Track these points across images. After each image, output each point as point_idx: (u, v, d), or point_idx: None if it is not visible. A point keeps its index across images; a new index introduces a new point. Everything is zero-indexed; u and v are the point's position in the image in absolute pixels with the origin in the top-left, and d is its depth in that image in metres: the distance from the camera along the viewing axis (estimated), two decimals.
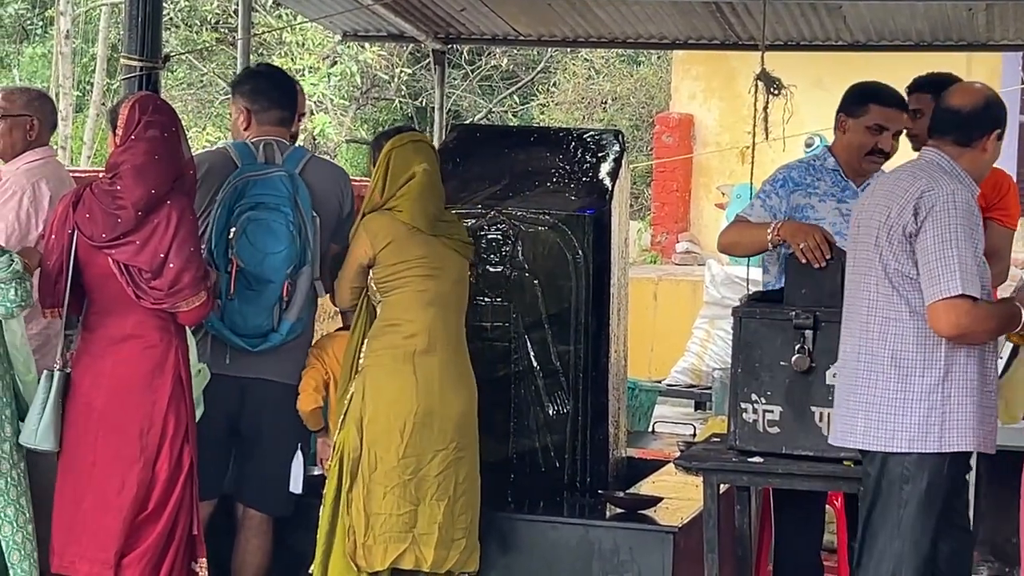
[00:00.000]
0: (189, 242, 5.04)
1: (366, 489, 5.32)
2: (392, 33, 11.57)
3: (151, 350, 5.08)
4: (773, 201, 5.63)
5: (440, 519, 5.34)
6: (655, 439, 7.77)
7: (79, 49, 22.42)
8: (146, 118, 5.14)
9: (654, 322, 13.51)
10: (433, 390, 5.34)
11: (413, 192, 5.51)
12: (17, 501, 5.01)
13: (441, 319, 5.43)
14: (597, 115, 23.21)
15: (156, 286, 4.99)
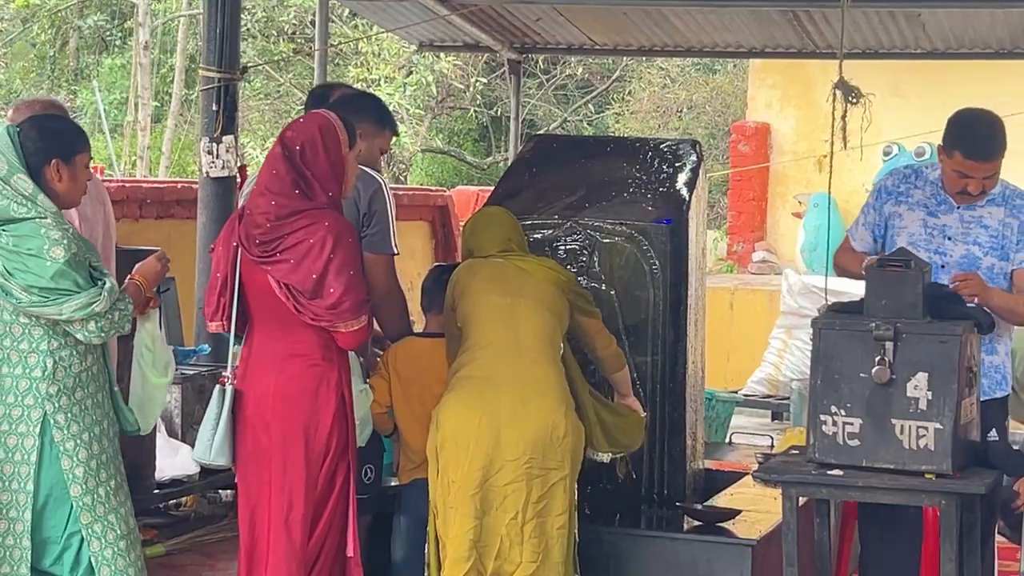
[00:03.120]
0: (349, 265, 4.95)
1: (442, 518, 5.27)
2: (468, 43, 11.63)
3: (315, 368, 5.01)
4: (871, 217, 5.65)
5: (503, 532, 5.23)
6: (732, 450, 7.72)
7: (157, 60, 22.66)
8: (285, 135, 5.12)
9: (730, 332, 13.43)
10: (500, 413, 5.25)
11: (477, 226, 5.65)
12: (105, 518, 4.93)
13: (513, 340, 5.37)
14: (672, 124, 23.17)
15: (316, 305, 4.95)
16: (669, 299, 6.02)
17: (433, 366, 5.59)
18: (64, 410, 4.87)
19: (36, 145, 4.91)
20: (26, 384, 4.85)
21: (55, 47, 25.21)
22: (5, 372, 4.86)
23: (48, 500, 4.87)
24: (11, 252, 4.80)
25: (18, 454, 4.86)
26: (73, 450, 4.87)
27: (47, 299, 4.77)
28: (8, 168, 4.85)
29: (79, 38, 25.44)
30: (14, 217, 4.81)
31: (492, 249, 5.59)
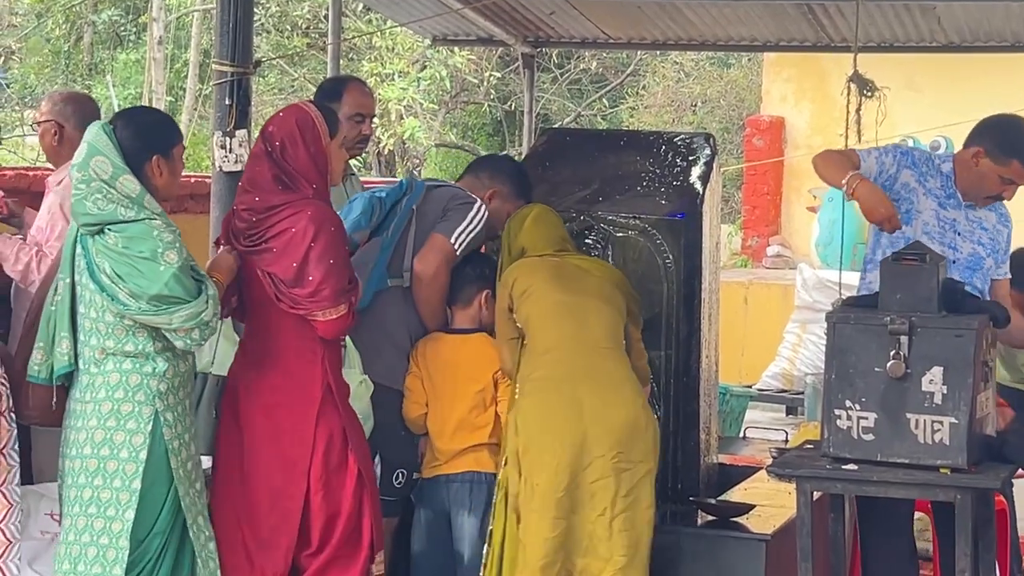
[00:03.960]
0: (330, 254, 4.95)
1: (524, 521, 5.23)
2: (481, 37, 11.60)
3: (299, 359, 5.01)
4: (887, 161, 5.55)
5: (591, 528, 5.20)
6: (746, 445, 7.71)
7: (171, 55, 22.64)
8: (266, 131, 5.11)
9: (745, 326, 13.41)
10: (583, 412, 5.23)
11: (528, 225, 5.63)
12: (196, 520, 4.90)
13: (582, 337, 5.37)
14: (687, 118, 23.12)
15: (295, 293, 4.94)
16: (683, 293, 6.01)
17: (461, 362, 5.59)
18: (172, 408, 4.81)
19: (134, 142, 4.81)
20: (137, 380, 4.77)
21: (69, 42, 25.19)
22: (111, 369, 4.77)
23: (145, 497, 4.78)
24: (120, 254, 4.70)
25: (125, 451, 4.74)
26: (178, 449, 4.83)
27: (158, 308, 4.68)
28: (113, 170, 4.74)
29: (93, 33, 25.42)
30: (121, 219, 4.72)
31: (548, 248, 5.59)
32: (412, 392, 5.60)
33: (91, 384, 4.80)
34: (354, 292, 5.06)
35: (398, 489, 5.60)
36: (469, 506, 5.51)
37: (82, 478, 4.78)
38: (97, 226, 4.74)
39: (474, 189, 5.85)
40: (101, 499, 4.75)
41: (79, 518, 4.77)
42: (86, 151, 4.80)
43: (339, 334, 5.08)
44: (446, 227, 5.60)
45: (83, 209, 4.75)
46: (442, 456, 5.54)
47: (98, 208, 4.73)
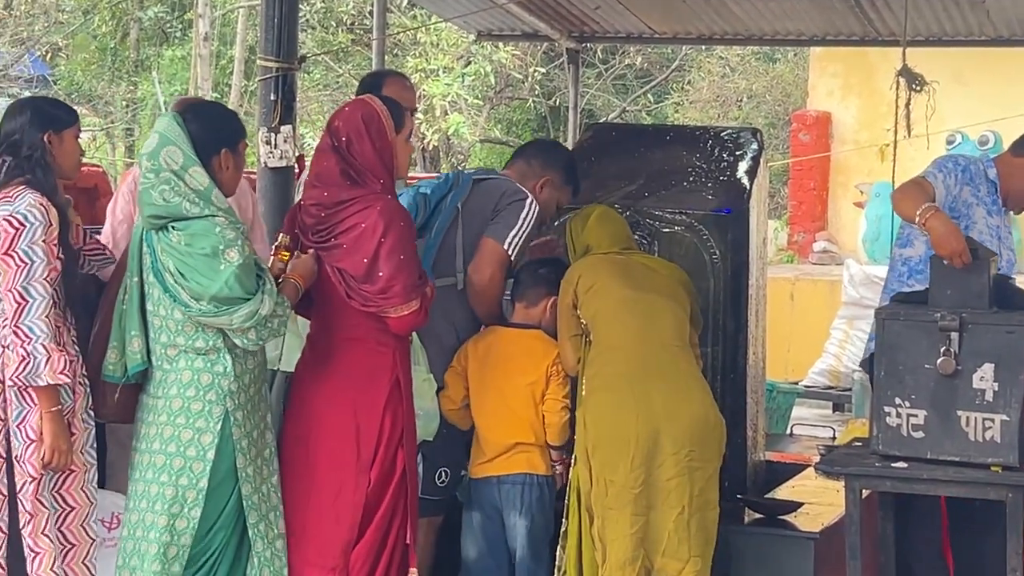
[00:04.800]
0: (399, 250, 4.92)
1: (601, 519, 5.20)
2: (526, 32, 11.59)
3: (369, 353, 4.98)
4: (950, 182, 5.47)
5: (671, 527, 5.17)
6: (793, 442, 7.67)
7: (217, 51, 22.72)
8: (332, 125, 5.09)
9: (791, 323, 13.34)
10: (655, 409, 5.21)
11: (591, 224, 5.62)
12: (267, 516, 4.89)
13: (651, 334, 5.34)
14: (732, 113, 23.05)
15: (366, 290, 4.92)
16: (730, 289, 5.98)
17: (516, 356, 5.56)
18: (242, 407, 4.79)
19: (205, 134, 4.78)
20: (208, 379, 4.75)
21: (116, 39, 25.31)
22: (183, 366, 4.76)
23: (210, 496, 4.77)
24: (183, 253, 4.68)
25: (192, 449, 4.74)
26: (247, 447, 4.81)
27: (219, 308, 4.65)
28: (183, 160, 4.71)
29: (140, 30, 25.53)
30: (185, 215, 4.69)
31: (614, 246, 5.57)
32: (448, 387, 5.58)
33: (163, 381, 4.81)
34: (425, 287, 5.03)
35: (441, 488, 5.57)
36: (520, 508, 5.48)
37: (149, 473, 4.79)
38: (162, 220, 4.73)
39: (525, 176, 5.81)
40: (166, 496, 4.75)
41: (146, 514, 4.78)
42: (157, 141, 4.77)
43: (410, 330, 5.06)
44: (498, 231, 5.54)
45: (149, 199, 4.73)
46: (490, 451, 5.52)
47: (164, 199, 4.70)
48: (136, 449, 4.86)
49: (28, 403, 4.72)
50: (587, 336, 5.42)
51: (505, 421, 5.50)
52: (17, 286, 4.65)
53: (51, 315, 4.68)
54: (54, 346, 4.65)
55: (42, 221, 4.68)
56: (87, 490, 4.85)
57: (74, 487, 4.81)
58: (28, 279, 4.66)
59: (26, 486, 4.70)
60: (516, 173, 5.84)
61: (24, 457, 4.71)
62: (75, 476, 4.81)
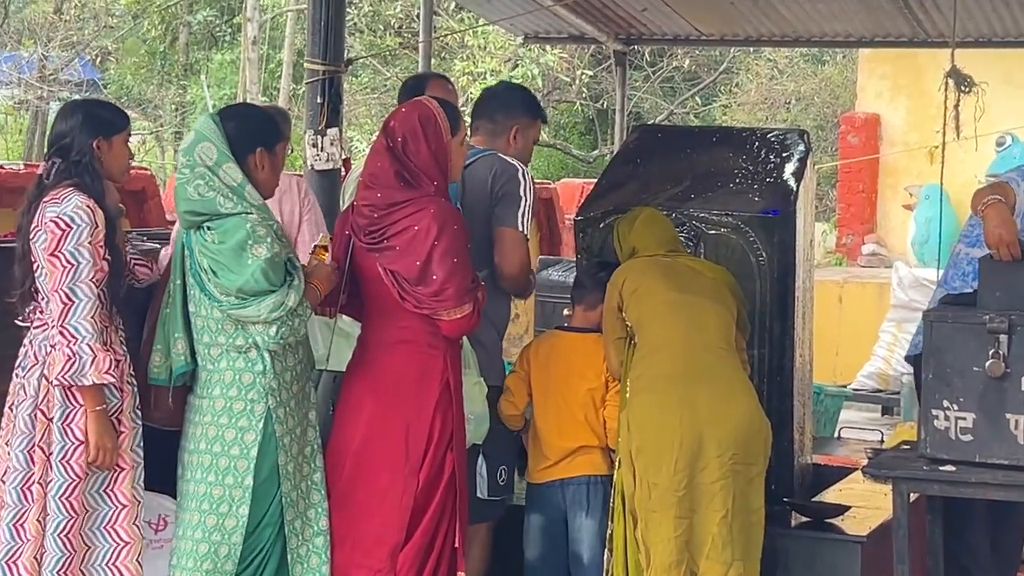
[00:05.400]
0: (453, 252, 4.91)
1: (644, 522, 5.19)
2: (573, 35, 11.59)
3: (420, 355, 4.98)
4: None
5: (715, 531, 5.14)
6: (841, 445, 7.63)
7: (266, 55, 22.83)
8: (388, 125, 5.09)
9: (839, 326, 13.26)
10: (698, 411, 5.18)
11: (637, 226, 5.61)
12: (304, 514, 4.92)
13: (696, 336, 5.32)
14: (780, 115, 22.98)
15: (420, 292, 4.92)
16: (776, 292, 5.94)
17: (577, 360, 5.55)
18: (284, 404, 4.83)
19: (240, 132, 4.84)
20: (250, 378, 4.79)
21: (165, 43, 25.49)
22: (225, 366, 4.81)
23: (256, 493, 4.80)
24: (215, 250, 4.74)
25: (236, 448, 4.79)
26: (289, 445, 4.85)
27: (245, 301, 4.71)
28: (218, 155, 4.78)
29: (189, 34, 25.70)
30: (220, 212, 4.75)
31: (659, 248, 5.56)
32: (511, 391, 5.57)
33: (208, 381, 4.85)
34: (478, 291, 5.03)
35: (501, 487, 5.54)
36: (587, 508, 5.47)
37: (198, 473, 4.84)
38: (198, 216, 4.78)
39: (495, 135, 5.71)
40: (213, 495, 4.80)
41: (194, 513, 4.83)
42: (193, 137, 4.84)
43: (463, 333, 5.05)
44: (508, 217, 5.46)
45: (184, 194, 4.79)
46: (552, 455, 5.50)
47: (199, 194, 4.77)
48: (184, 449, 4.90)
49: (73, 402, 4.74)
50: (632, 339, 5.41)
51: (567, 425, 5.49)
52: (63, 287, 4.68)
53: (97, 316, 4.70)
54: (99, 346, 4.68)
55: (88, 223, 4.71)
56: (136, 488, 4.87)
57: (125, 485, 4.84)
58: (74, 280, 4.68)
59: (69, 487, 4.73)
60: (485, 135, 5.73)
61: (71, 458, 4.74)
62: (125, 474, 4.84)
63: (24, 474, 4.74)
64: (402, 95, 6.16)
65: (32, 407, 4.75)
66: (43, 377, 4.73)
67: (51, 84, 21.01)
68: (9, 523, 4.75)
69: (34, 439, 4.74)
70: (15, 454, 4.76)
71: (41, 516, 4.72)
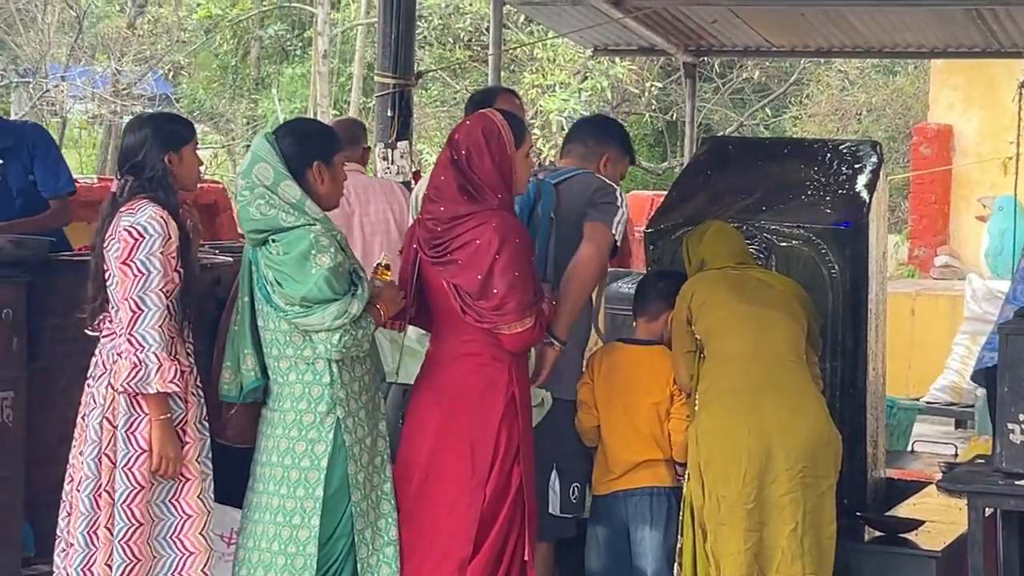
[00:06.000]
0: (514, 266, 4.91)
1: (714, 535, 5.17)
2: (643, 47, 11.58)
3: (484, 368, 4.98)
4: None
5: (784, 544, 5.12)
6: (914, 459, 7.56)
7: (336, 68, 22.96)
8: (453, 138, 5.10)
9: (912, 338, 13.17)
10: (767, 423, 5.16)
11: (707, 239, 5.60)
12: (375, 523, 4.94)
13: (765, 348, 5.30)
14: (851, 127, 22.83)
15: (481, 306, 4.92)
16: (849, 304, 5.90)
17: (640, 373, 5.53)
18: (353, 414, 4.86)
19: (295, 149, 4.87)
20: (318, 391, 4.82)
21: (237, 57, 25.69)
22: (294, 379, 4.85)
23: (327, 504, 4.83)
24: (279, 262, 4.78)
25: (306, 460, 4.81)
26: (359, 455, 4.87)
27: (309, 309, 4.74)
28: (274, 175, 4.81)
29: (260, 48, 25.89)
30: (283, 226, 4.79)
31: (728, 260, 5.55)
32: (584, 403, 5.55)
33: (279, 394, 4.90)
34: (540, 304, 5.02)
35: (573, 505, 5.52)
36: (651, 520, 5.45)
37: (271, 486, 4.87)
38: (262, 233, 4.83)
39: (586, 159, 5.77)
40: (286, 508, 4.83)
41: (268, 526, 4.86)
42: (250, 159, 4.89)
43: (524, 347, 5.04)
44: (603, 217, 5.45)
45: (247, 215, 4.84)
46: (617, 469, 5.49)
47: (261, 213, 4.81)
48: (256, 461, 4.93)
49: (138, 411, 4.78)
50: (701, 351, 5.38)
51: (631, 438, 5.47)
52: (133, 295, 4.72)
53: (165, 325, 4.74)
54: (165, 355, 4.72)
55: (161, 234, 4.76)
56: (204, 498, 4.90)
57: (190, 495, 4.87)
58: (144, 289, 4.73)
59: (132, 494, 4.77)
60: (576, 158, 5.79)
61: (134, 466, 4.78)
62: (191, 484, 4.87)
63: (94, 482, 4.79)
64: (469, 109, 6.18)
65: (100, 415, 4.80)
66: (110, 385, 4.78)
67: (124, 98, 21.21)
68: (84, 530, 4.80)
69: (101, 447, 4.79)
70: (86, 462, 4.80)
71: (109, 523, 4.77)
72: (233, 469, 5.04)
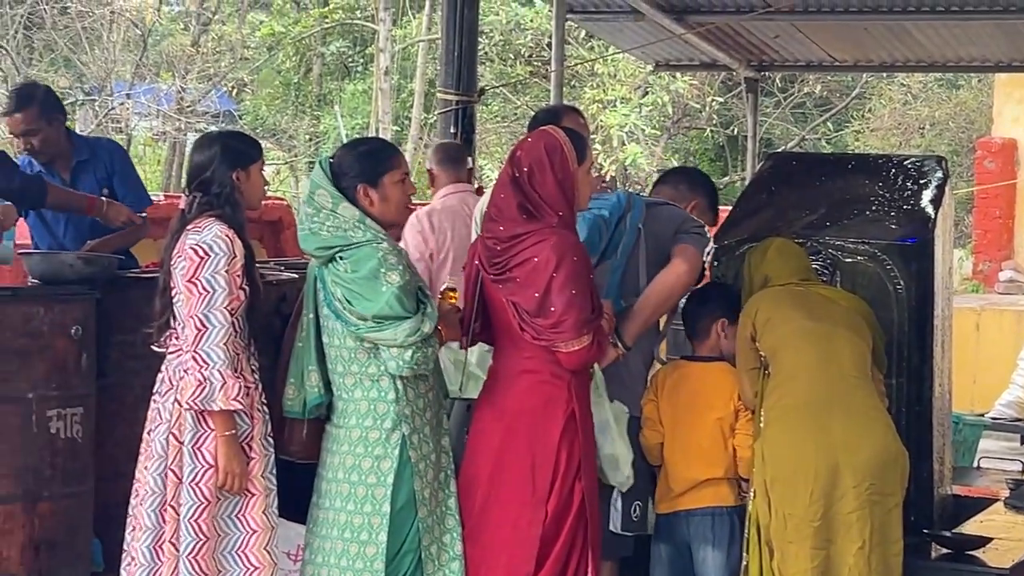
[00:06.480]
0: (572, 284, 4.90)
1: (780, 553, 5.15)
2: (704, 62, 11.58)
3: (544, 385, 4.98)
4: None
5: (852, 562, 5.10)
6: (981, 476, 7.50)
7: (397, 85, 23.05)
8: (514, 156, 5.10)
9: (977, 354, 13.08)
10: (834, 441, 5.15)
11: (771, 255, 5.59)
12: (440, 539, 4.96)
13: (830, 364, 5.28)
14: (914, 141, 22.73)
15: (538, 323, 4.92)
16: (914, 320, 5.86)
17: (704, 389, 5.52)
18: (418, 430, 4.89)
19: (341, 173, 4.95)
20: (384, 407, 4.86)
21: (299, 74, 25.86)
22: (359, 396, 4.89)
23: (394, 520, 4.86)
24: (348, 280, 4.83)
25: (372, 476, 4.85)
26: (424, 471, 4.89)
27: (381, 325, 4.78)
28: (332, 199, 4.88)
29: (322, 65, 26.04)
30: (352, 241, 4.84)
31: (792, 277, 5.54)
32: (649, 420, 5.54)
33: (343, 411, 4.93)
34: (599, 322, 5.01)
35: (635, 523, 5.50)
36: (712, 540, 5.43)
37: (338, 502, 4.90)
38: (329, 250, 4.87)
39: (675, 200, 5.83)
40: (353, 524, 4.86)
41: (336, 542, 4.89)
42: (310, 187, 4.98)
43: (582, 365, 5.02)
44: (696, 242, 5.51)
45: (318, 239, 4.90)
46: (679, 487, 5.47)
47: (328, 233, 4.87)
48: (322, 477, 4.96)
49: (204, 427, 4.82)
50: (766, 368, 5.37)
51: (694, 456, 5.45)
52: (198, 312, 4.77)
53: (230, 343, 4.78)
54: (230, 372, 4.76)
55: (226, 252, 4.80)
56: (268, 514, 4.94)
57: (256, 511, 4.90)
58: (209, 306, 4.77)
59: (198, 509, 4.80)
60: (666, 198, 5.85)
61: (201, 481, 4.82)
62: (256, 499, 4.90)
63: (159, 496, 4.83)
64: (532, 127, 6.19)
65: (166, 431, 4.84)
66: (176, 401, 4.82)
67: (188, 115, 21.39)
68: (148, 544, 4.84)
69: (167, 462, 4.83)
70: (151, 477, 4.84)
71: (175, 538, 4.81)
72: (297, 484, 5.07)
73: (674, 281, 5.43)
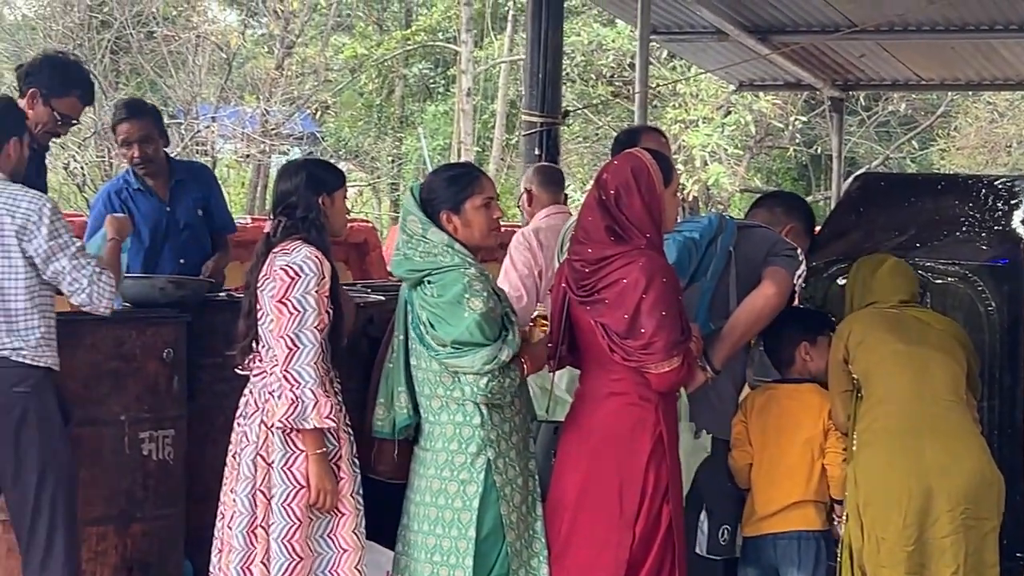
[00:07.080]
0: (661, 305, 4.90)
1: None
2: (789, 82, 11.55)
3: (632, 408, 4.97)
4: None
5: None
6: None
7: (479, 106, 23.12)
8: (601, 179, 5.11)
9: None
10: (927, 465, 5.12)
11: (883, 274, 5.55)
12: (528, 563, 4.99)
13: (924, 388, 5.25)
14: (1001, 159, 22.52)
15: (628, 345, 4.93)
16: (1006, 342, 5.80)
17: (794, 410, 5.50)
18: (504, 455, 4.92)
19: (426, 200, 5.01)
20: (469, 432, 4.89)
21: (381, 96, 26.02)
22: (445, 419, 4.93)
23: (481, 546, 4.88)
24: (433, 304, 4.88)
25: (458, 500, 4.88)
26: (510, 495, 4.92)
27: (460, 351, 4.82)
28: (421, 225, 4.95)
29: (404, 86, 26.19)
30: (440, 265, 4.89)
31: (895, 298, 5.50)
32: (738, 440, 5.53)
33: (430, 434, 4.97)
34: (688, 343, 5.00)
35: (723, 547, 5.50)
36: (798, 563, 5.40)
37: (426, 525, 4.93)
38: (418, 273, 4.92)
39: (770, 224, 5.81)
40: (442, 547, 4.90)
41: (425, 565, 4.93)
42: (403, 213, 5.07)
43: (672, 387, 5.02)
44: (787, 265, 5.47)
45: (408, 265, 4.96)
46: (766, 509, 5.45)
47: (420, 258, 4.93)
48: (410, 499, 4.99)
49: (294, 447, 4.86)
50: (858, 391, 5.33)
51: (782, 478, 5.42)
52: (289, 332, 4.80)
53: (319, 362, 4.82)
54: (321, 391, 4.79)
55: (316, 273, 4.85)
56: (358, 533, 4.96)
57: (346, 530, 4.93)
58: (300, 326, 4.81)
59: (291, 530, 4.83)
60: (761, 221, 5.84)
61: (292, 501, 4.84)
62: (346, 519, 4.93)
63: (248, 518, 4.86)
64: (615, 149, 6.19)
65: (253, 452, 4.87)
66: (263, 423, 4.85)
67: (272, 138, 21.56)
68: (237, 566, 4.87)
69: (255, 483, 4.86)
70: (240, 499, 4.88)
71: (265, 559, 4.83)
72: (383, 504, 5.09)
73: (763, 304, 5.40)
